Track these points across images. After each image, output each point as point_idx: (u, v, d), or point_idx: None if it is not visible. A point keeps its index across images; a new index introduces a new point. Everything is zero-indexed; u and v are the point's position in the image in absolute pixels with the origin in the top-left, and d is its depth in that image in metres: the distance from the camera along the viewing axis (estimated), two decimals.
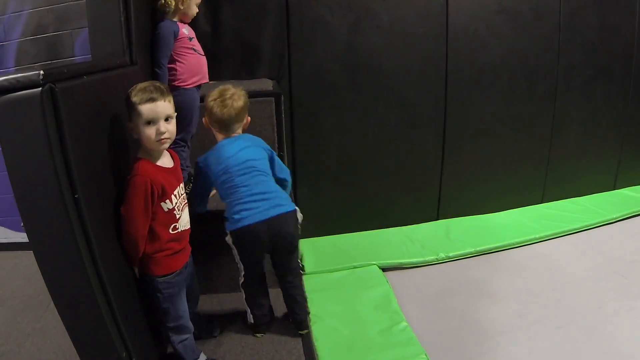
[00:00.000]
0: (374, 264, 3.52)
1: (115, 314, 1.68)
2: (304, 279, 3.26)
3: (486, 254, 3.71)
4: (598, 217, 4.15)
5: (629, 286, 3.18)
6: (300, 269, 2.61)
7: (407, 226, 4.15)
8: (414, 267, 3.58)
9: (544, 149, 4.41)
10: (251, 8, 3.55)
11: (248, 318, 2.55)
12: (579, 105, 4.39)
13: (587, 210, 4.31)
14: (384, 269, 3.52)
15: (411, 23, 3.79)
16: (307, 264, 3.51)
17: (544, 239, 3.88)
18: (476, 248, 3.72)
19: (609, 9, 4.22)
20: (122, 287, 1.82)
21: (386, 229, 4.10)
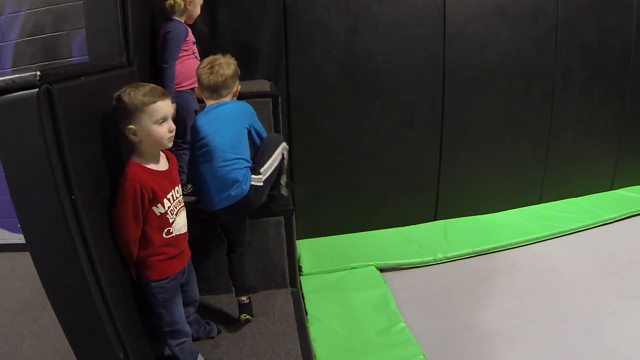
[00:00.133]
0: (372, 265, 3.53)
1: (112, 315, 1.68)
2: (302, 280, 3.27)
3: (484, 255, 3.72)
4: (595, 218, 4.16)
5: (627, 286, 3.18)
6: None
7: (405, 227, 4.15)
8: (412, 268, 3.59)
9: (542, 150, 4.42)
10: (249, 9, 3.54)
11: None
12: (577, 106, 4.40)
13: (585, 210, 4.32)
14: (382, 270, 3.52)
15: (409, 24, 3.79)
16: (305, 265, 3.50)
17: (542, 240, 3.89)
18: (474, 249, 3.72)
19: (606, 10, 4.22)
20: (119, 289, 1.82)
21: (384, 230, 4.11)
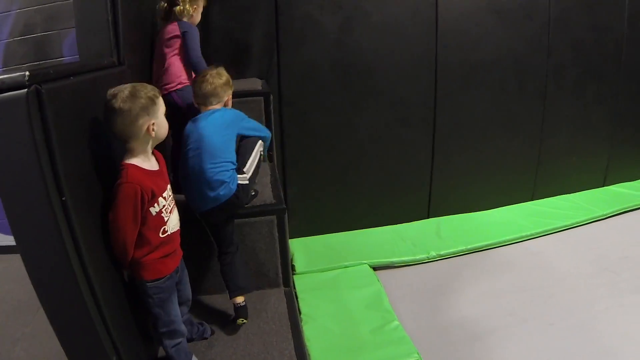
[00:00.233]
0: (365, 263, 3.53)
1: (104, 318, 1.66)
2: (295, 279, 3.26)
3: (477, 252, 3.73)
4: (588, 214, 4.17)
5: (620, 282, 3.19)
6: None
7: (398, 225, 4.16)
8: (405, 266, 3.59)
9: (535, 147, 4.43)
10: (240, 7, 3.54)
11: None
12: (569, 103, 4.41)
13: (578, 207, 4.34)
14: (375, 268, 3.52)
15: (401, 22, 3.79)
16: (298, 264, 3.50)
17: (535, 236, 3.90)
18: (467, 246, 3.73)
19: (599, 8, 4.24)
20: (112, 290, 1.81)
21: (377, 228, 4.11)
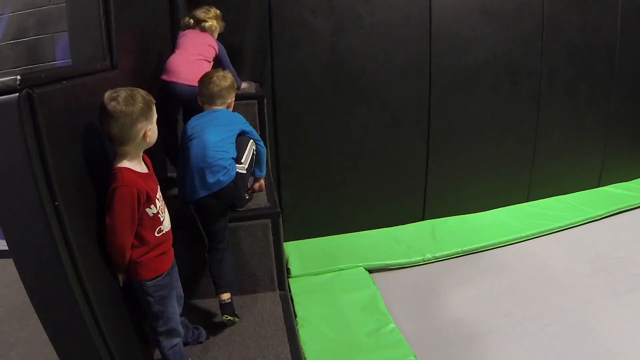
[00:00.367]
0: (360, 266, 3.52)
1: (98, 322, 1.65)
2: (290, 282, 3.26)
3: (472, 254, 3.73)
4: (583, 215, 4.18)
5: (615, 282, 3.20)
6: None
7: (393, 227, 4.15)
8: (401, 268, 3.59)
9: (529, 148, 4.44)
10: (234, 11, 3.53)
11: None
12: (563, 104, 4.42)
13: (572, 208, 4.35)
14: (370, 271, 3.51)
15: (394, 24, 3.80)
16: (293, 267, 3.49)
17: (530, 238, 3.91)
18: (462, 248, 3.73)
19: (591, 10, 4.26)
20: (106, 295, 1.80)
21: (372, 231, 4.10)
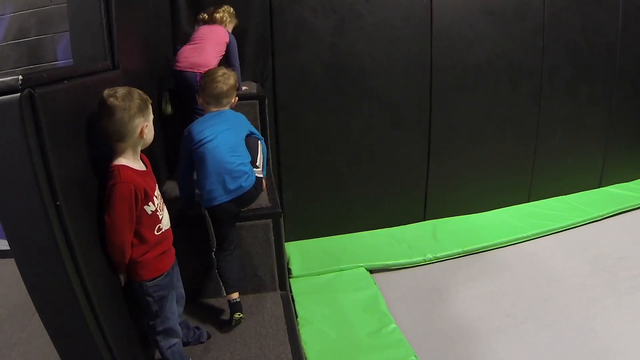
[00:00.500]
0: (362, 266, 3.52)
1: (100, 322, 1.65)
2: (291, 282, 3.26)
3: (473, 254, 3.73)
4: (584, 215, 4.18)
5: (616, 283, 3.20)
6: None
7: (394, 227, 4.15)
8: (402, 269, 3.59)
9: (530, 148, 4.44)
10: (235, 11, 3.53)
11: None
12: (564, 104, 4.42)
13: (574, 208, 4.35)
14: (372, 271, 3.51)
15: (395, 24, 3.80)
16: (294, 267, 3.49)
17: (531, 238, 3.90)
18: (463, 248, 3.73)
19: (592, 9, 4.26)
20: (107, 294, 1.80)
21: (373, 231, 4.10)
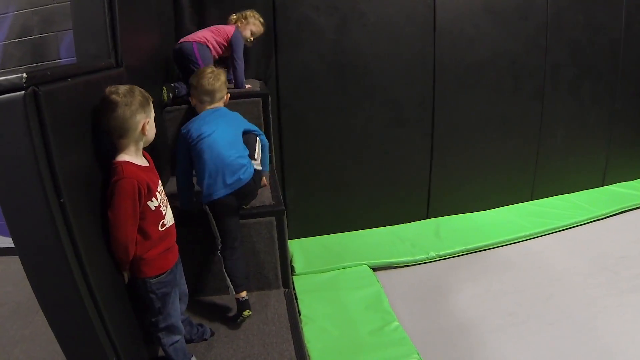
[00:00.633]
0: (364, 264, 3.52)
1: (104, 319, 1.66)
2: (294, 280, 3.26)
3: (476, 252, 3.73)
4: (587, 214, 4.18)
5: (619, 282, 3.19)
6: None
7: (397, 225, 4.16)
8: (405, 267, 3.59)
9: (532, 147, 4.43)
10: (237, 9, 3.53)
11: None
12: (566, 103, 4.41)
13: (576, 207, 4.34)
14: (375, 269, 3.52)
15: (398, 22, 3.80)
16: (297, 265, 3.50)
17: (534, 236, 3.90)
18: (466, 246, 3.73)
19: (595, 8, 4.25)
20: (111, 292, 1.80)
21: (376, 229, 4.11)
